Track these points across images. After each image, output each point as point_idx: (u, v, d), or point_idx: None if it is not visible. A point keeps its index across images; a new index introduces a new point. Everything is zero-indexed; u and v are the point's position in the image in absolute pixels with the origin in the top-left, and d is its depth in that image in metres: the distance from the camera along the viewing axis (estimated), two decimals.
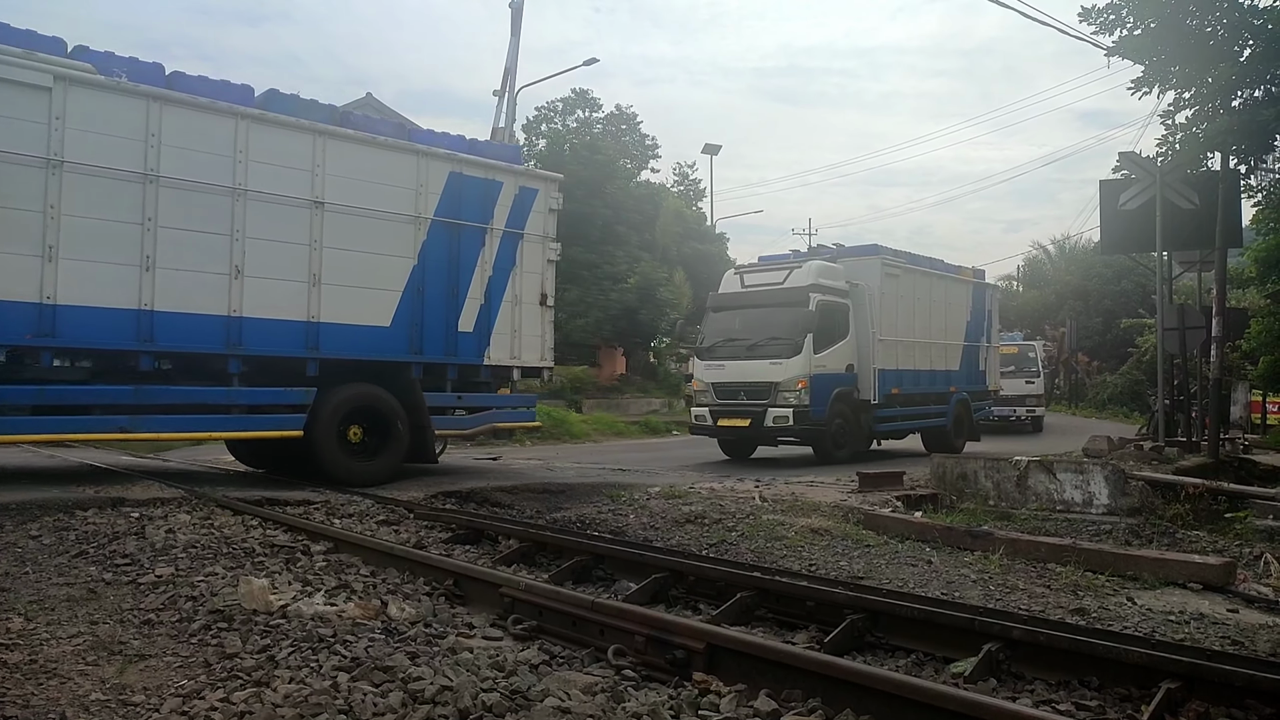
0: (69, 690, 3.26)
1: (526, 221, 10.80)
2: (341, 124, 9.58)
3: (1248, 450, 13.31)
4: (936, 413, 16.45)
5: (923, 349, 16.12)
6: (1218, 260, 12.64)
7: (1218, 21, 10.45)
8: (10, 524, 6.17)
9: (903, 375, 15.43)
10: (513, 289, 10.66)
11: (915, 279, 16.13)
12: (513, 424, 11.91)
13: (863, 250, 16.04)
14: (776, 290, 14.36)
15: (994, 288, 19.13)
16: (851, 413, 14.41)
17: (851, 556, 6.34)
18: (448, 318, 10.07)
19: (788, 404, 13.49)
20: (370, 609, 4.39)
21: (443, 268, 10.04)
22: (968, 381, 17.44)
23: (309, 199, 9.01)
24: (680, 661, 3.65)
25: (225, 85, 8.81)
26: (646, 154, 39.28)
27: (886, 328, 14.98)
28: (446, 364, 10.11)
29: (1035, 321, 39.33)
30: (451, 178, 10.11)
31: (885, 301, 15.03)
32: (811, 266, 14.48)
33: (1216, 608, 5.30)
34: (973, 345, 17.68)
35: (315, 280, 9.04)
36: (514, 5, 17.56)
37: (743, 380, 13.99)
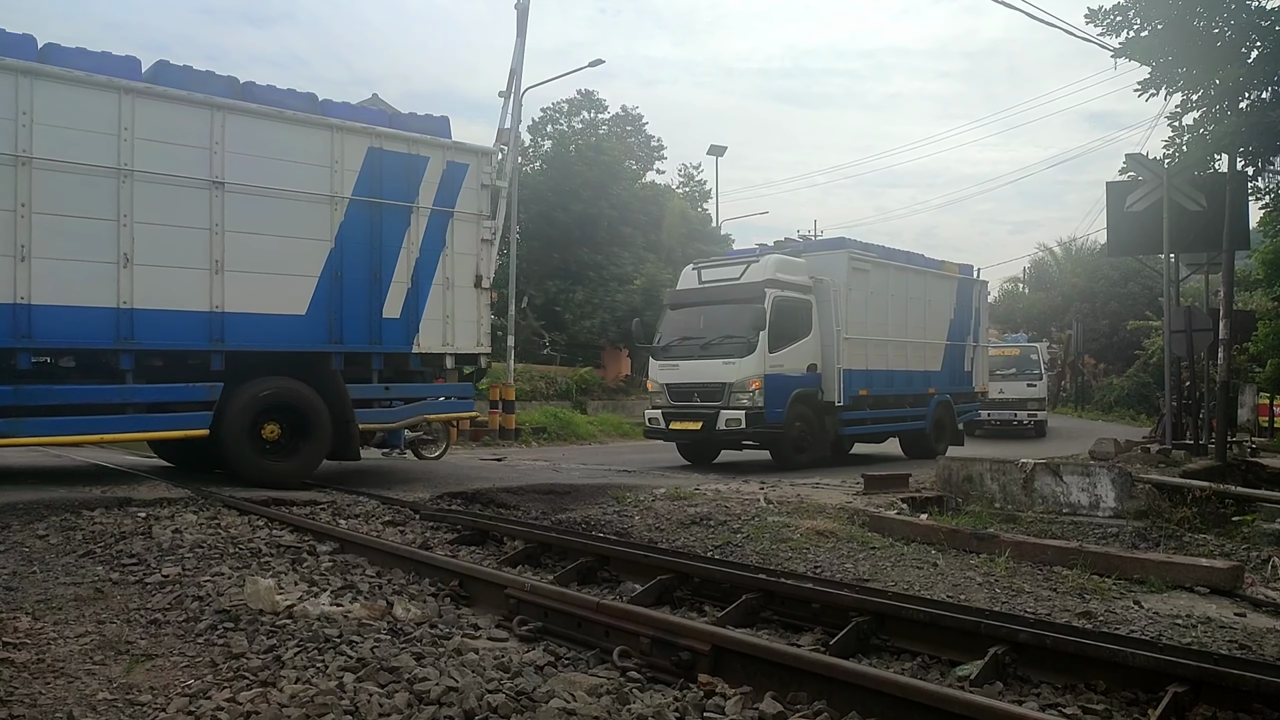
0: (76, 689, 3.27)
1: (457, 199, 10.13)
2: (244, 97, 8.89)
3: (1255, 453, 13.27)
4: (914, 415, 15.60)
5: (897, 348, 15.25)
6: (1225, 262, 12.61)
7: (1225, 23, 10.44)
8: (17, 523, 6.19)
9: (873, 376, 14.57)
10: (443, 271, 10.00)
11: (888, 274, 15.22)
12: (447, 415, 11.13)
13: (829, 244, 15.32)
14: (731, 286, 13.60)
15: (981, 284, 18.15)
16: (814, 415, 13.60)
17: (857, 559, 6.33)
18: (370, 304, 9.47)
19: (740, 406, 12.76)
20: (376, 609, 4.40)
21: (363, 250, 9.42)
22: (951, 383, 16.58)
23: (207, 179, 8.40)
24: (685, 663, 3.64)
25: (107, 57, 8.17)
26: (652, 155, 39.29)
27: (854, 325, 14.15)
28: (371, 353, 9.54)
29: (1042, 324, 39.24)
30: (371, 154, 9.47)
31: (853, 298, 14.17)
32: (768, 261, 13.68)
33: (1224, 611, 5.27)
34: (957, 344, 16.79)
35: (217, 267, 8.43)
36: (520, 6, 17.54)
37: (696, 381, 13.32)
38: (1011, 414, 22.58)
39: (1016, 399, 22.62)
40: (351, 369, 9.43)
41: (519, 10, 17.47)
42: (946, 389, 16.30)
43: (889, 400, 15.07)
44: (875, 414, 14.80)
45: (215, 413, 8.41)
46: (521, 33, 17.47)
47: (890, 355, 15.03)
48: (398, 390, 9.87)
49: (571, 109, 37.10)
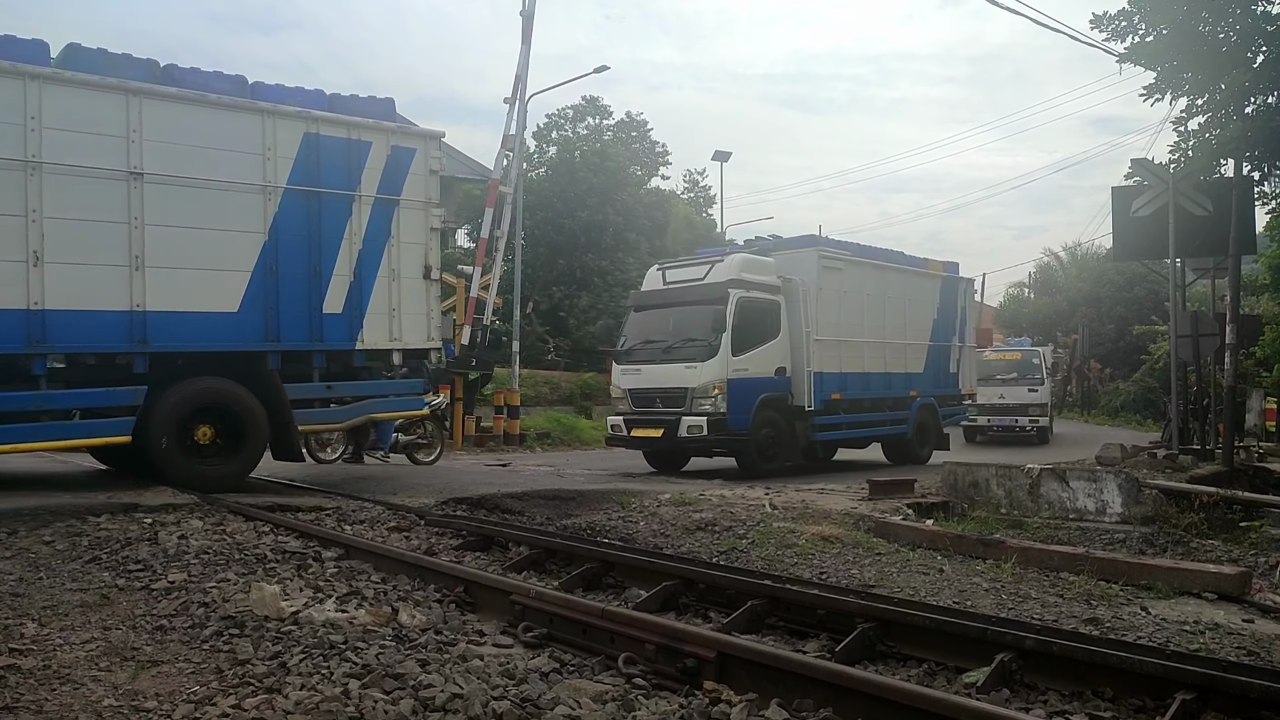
0: (82, 696, 3.27)
1: (403, 186, 9.58)
2: (164, 81, 8.38)
3: (1263, 458, 13.22)
4: (894, 419, 14.96)
5: (874, 349, 14.64)
6: (1231, 267, 12.57)
7: (1230, 28, 10.42)
8: (24, 529, 6.21)
9: (848, 379, 14.00)
10: (389, 263, 9.49)
11: (864, 273, 14.62)
12: (396, 413, 10.60)
13: (799, 242, 14.70)
14: (694, 287, 13.07)
15: (967, 282, 17.39)
16: (784, 421, 13.01)
17: (862, 564, 6.31)
18: (310, 299, 8.97)
19: (703, 412, 12.20)
20: (381, 616, 4.40)
21: (300, 242, 8.89)
22: (935, 385, 15.93)
23: (124, 170, 7.90)
24: (691, 670, 3.64)
25: (10, 40, 7.71)
26: (657, 161, 39.31)
27: (826, 326, 13.61)
28: (311, 351, 9.05)
29: (1047, 328, 39.18)
30: (307, 139, 8.92)
31: (824, 297, 13.60)
32: (733, 261, 13.11)
33: (1232, 617, 5.25)
34: (941, 345, 16.12)
35: (138, 263, 7.93)
36: (525, 13, 17.59)
37: (657, 386, 12.78)
38: (1012, 420, 22.11)
39: (1017, 404, 22.11)
40: (291, 367, 9.02)
41: (524, 17, 17.54)
42: (930, 391, 15.72)
43: (866, 404, 14.53)
44: (851, 418, 14.26)
45: (140, 417, 7.99)
46: (526, 39, 17.55)
47: (867, 357, 14.47)
48: (341, 389, 9.41)
49: (576, 115, 37.17)
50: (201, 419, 8.50)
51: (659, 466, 13.57)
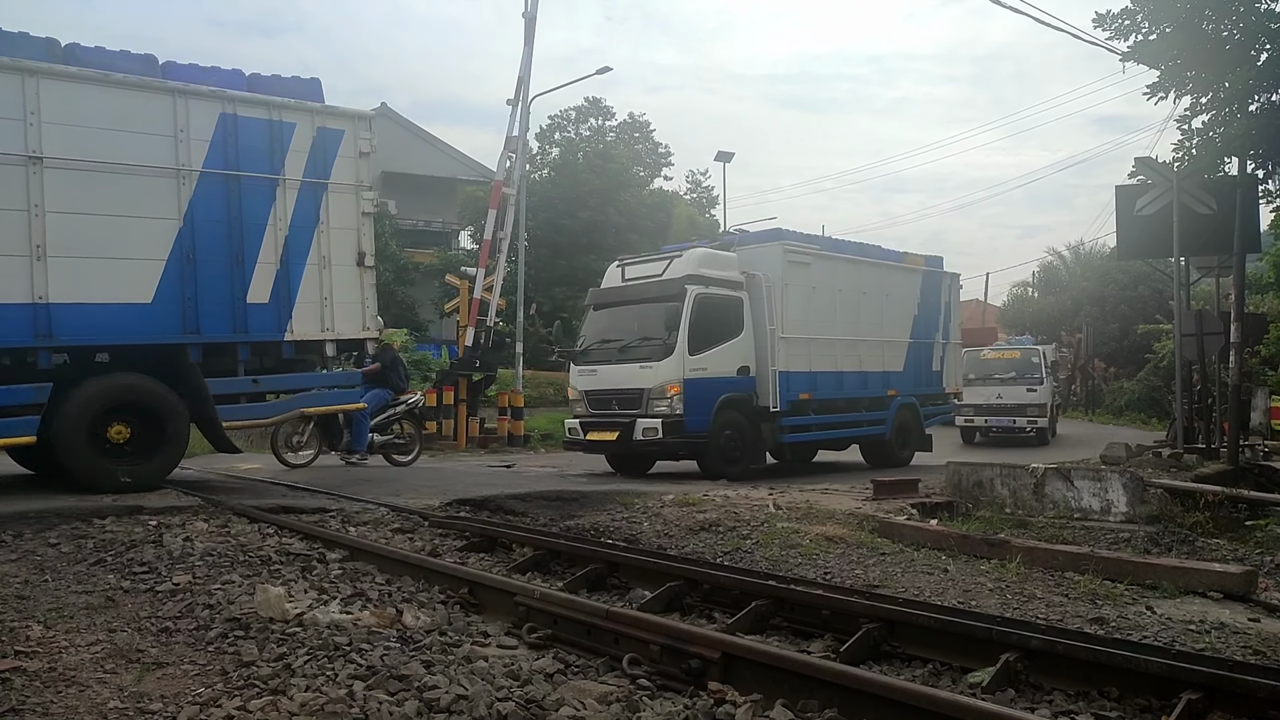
0: (87, 698, 3.28)
1: (331, 169, 9.19)
2: (66, 60, 8.02)
3: (1268, 457, 13.19)
4: (871, 420, 14.30)
5: (848, 347, 13.97)
6: (1236, 265, 12.55)
7: (1234, 25, 10.39)
8: (29, 532, 6.22)
9: (817, 378, 13.34)
10: (319, 249, 9.08)
11: (835, 267, 13.98)
12: (330, 408, 10.05)
13: (763, 236, 14.02)
14: (651, 284, 12.53)
15: (952, 276, 16.60)
16: (748, 422, 12.44)
17: (867, 564, 6.31)
18: (233, 288, 8.57)
19: (658, 414, 11.69)
20: (386, 617, 4.40)
21: (220, 229, 8.49)
22: (916, 384, 15.27)
23: (22, 154, 7.53)
24: (695, 671, 3.63)
25: None
26: (659, 162, 39.37)
27: (794, 323, 12.99)
28: (235, 343, 8.65)
29: (1051, 327, 39.09)
30: (224, 120, 8.51)
31: (791, 293, 12.99)
32: (692, 256, 12.54)
33: (1237, 617, 5.24)
34: (923, 342, 15.45)
35: (39, 253, 7.53)
36: (527, 15, 17.63)
37: (614, 387, 12.29)
38: (1010, 420, 21.38)
39: (1015, 404, 21.34)
40: (215, 361, 8.67)
41: (526, 19, 17.58)
42: (911, 391, 15.07)
43: (839, 404, 13.92)
44: (822, 419, 13.64)
45: (45, 416, 7.62)
46: (529, 41, 17.59)
47: (840, 355, 13.84)
48: (268, 383, 9.05)
49: (579, 116, 37.24)
50: (116, 417, 8.10)
51: (620, 469, 13.09)
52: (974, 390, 21.29)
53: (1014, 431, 21.38)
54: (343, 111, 9.64)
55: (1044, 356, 22.15)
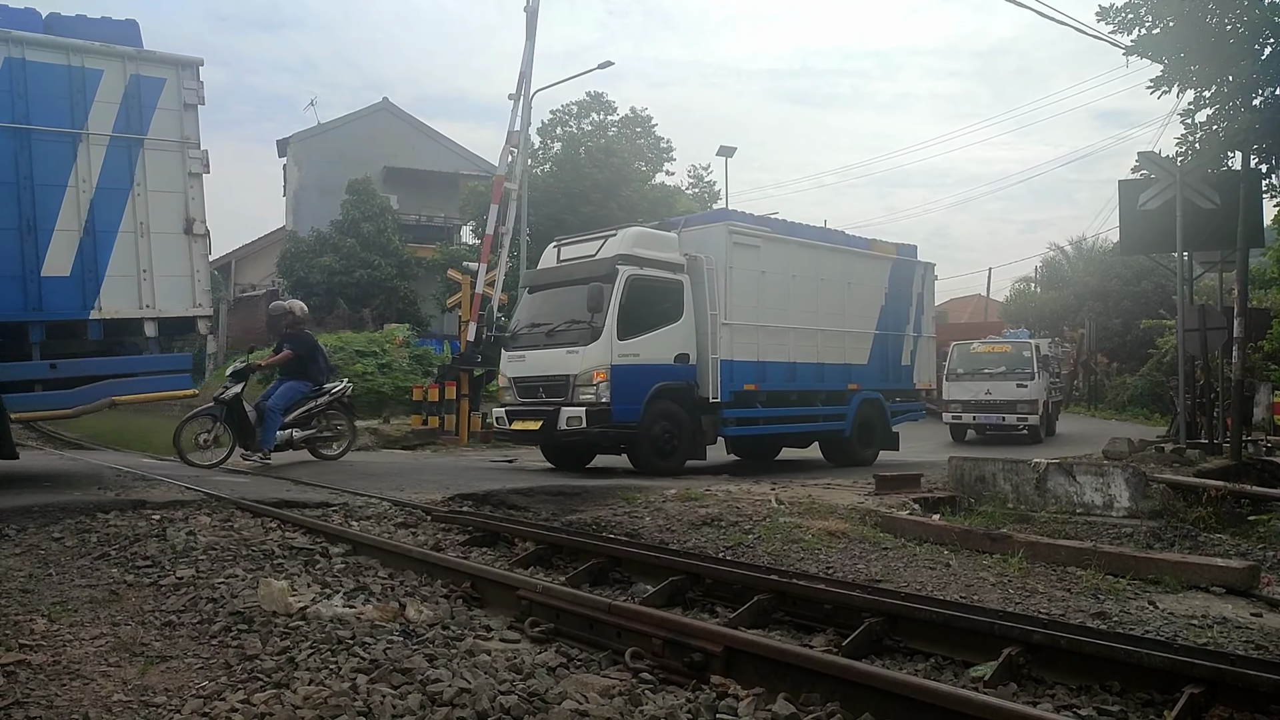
0: (92, 691, 3.29)
1: (149, 123, 8.15)
2: None
3: (1271, 452, 13.16)
4: (829, 415, 13.37)
5: (803, 337, 13.07)
6: (1239, 260, 12.53)
7: (1238, 19, 10.36)
8: (33, 526, 6.24)
9: (766, 368, 12.47)
10: (134, 215, 8.05)
11: (789, 252, 13.06)
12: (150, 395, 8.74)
13: (708, 216, 13.36)
14: (583, 264, 11.83)
15: (926, 267, 15.57)
16: (686, 414, 11.63)
17: (869, 559, 6.31)
18: (23, 259, 7.61)
19: (582, 402, 10.95)
20: (389, 611, 4.41)
21: (6, 192, 7.55)
22: (882, 378, 14.31)
23: None
24: (698, 664, 3.64)
25: None
26: (661, 157, 39.24)
27: (740, 310, 12.16)
28: (26, 322, 7.67)
29: (1054, 323, 39.07)
30: (10, 66, 7.52)
31: (737, 277, 12.17)
32: (626, 235, 11.81)
33: (1240, 611, 5.24)
34: (890, 335, 14.50)
35: None
36: (529, 9, 17.58)
37: (540, 374, 11.56)
38: (999, 417, 20.24)
39: (1005, 400, 20.13)
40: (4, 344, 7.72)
41: (528, 13, 17.53)
42: (876, 385, 14.12)
43: (791, 397, 13.00)
44: (771, 413, 12.74)
45: None
46: (531, 36, 17.54)
47: (793, 345, 12.93)
48: (69, 368, 7.96)
49: (581, 111, 37.13)
50: None
51: (558, 463, 12.42)
52: (962, 385, 20.61)
53: (1004, 429, 20.40)
54: (162, 57, 8.51)
55: (1037, 351, 20.92)
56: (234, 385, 10.69)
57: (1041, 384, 20.54)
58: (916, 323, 15.11)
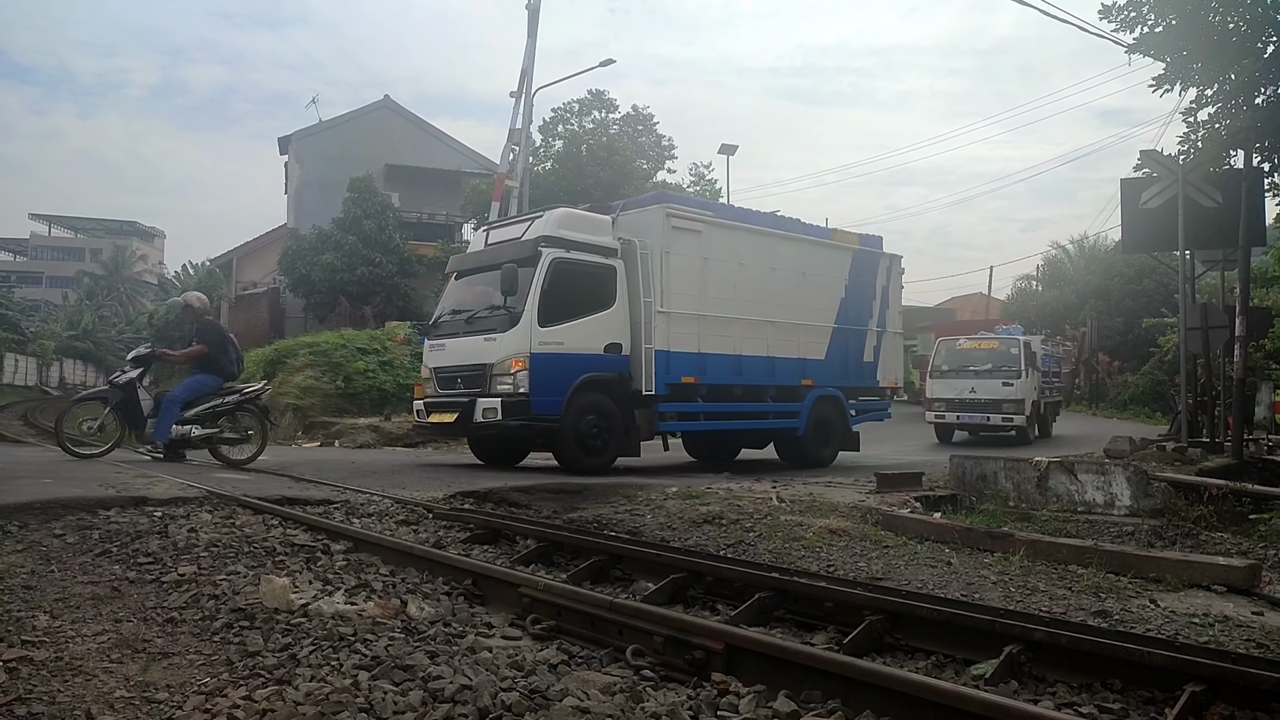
0: (94, 687, 3.29)
1: None
2: None
3: (1272, 450, 13.15)
4: (780, 413, 12.69)
5: (751, 329, 12.37)
6: (1241, 259, 12.51)
7: (1240, 17, 10.34)
8: (35, 523, 6.24)
9: (707, 360, 11.79)
10: None
11: (735, 238, 12.40)
12: None
13: (646, 199, 12.71)
14: (507, 247, 11.29)
15: (892, 259, 14.79)
16: (617, 408, 10.99)
17: (870, 557, 6.31)
18: None
19: (499, 393, 10.30)
20: (390, 608, 4.41)
21: None
22: (841, 375, 13.60)
23: None
24: (699, 662, 3.64)
25: None
26: (663, 155, 39.26)
27: (679, 298, 11.54)
28: None
29: (1056, 321, 39.06)
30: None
31: (676, 264, 11.56)
32: (552, 216, 11.24)
33: (1241, 610, 5.24)
34: (851, 329, 13.80)
35: None
36: (530, 7, 17.59)
37: (459, 364, 11.02)
38: (983, 417, 19.30)
39: (989, 400, 19.14)
40: None
41: (529, 11, 17.55)
42: (834, 382, 13.42)
43: (736, 392, 12.30)
44: (714, 408, 12.05)
45: None
46: (532, 34, 17.57)
47: (739, 337, 12.24)
48: None
49: (582, 109, 37.13)
50: None
51: (487, 460, 11.87)
52: (946, 383, 19.80)
53: (991, 430, 19.56)
54: None
55: (1025, 348, 19.87)
56: (132, 370, 10.10)
57: (1030, 383, 19.62)
58: (881, 317, 14.40)
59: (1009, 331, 22.79)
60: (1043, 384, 21.01)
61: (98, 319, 62.02)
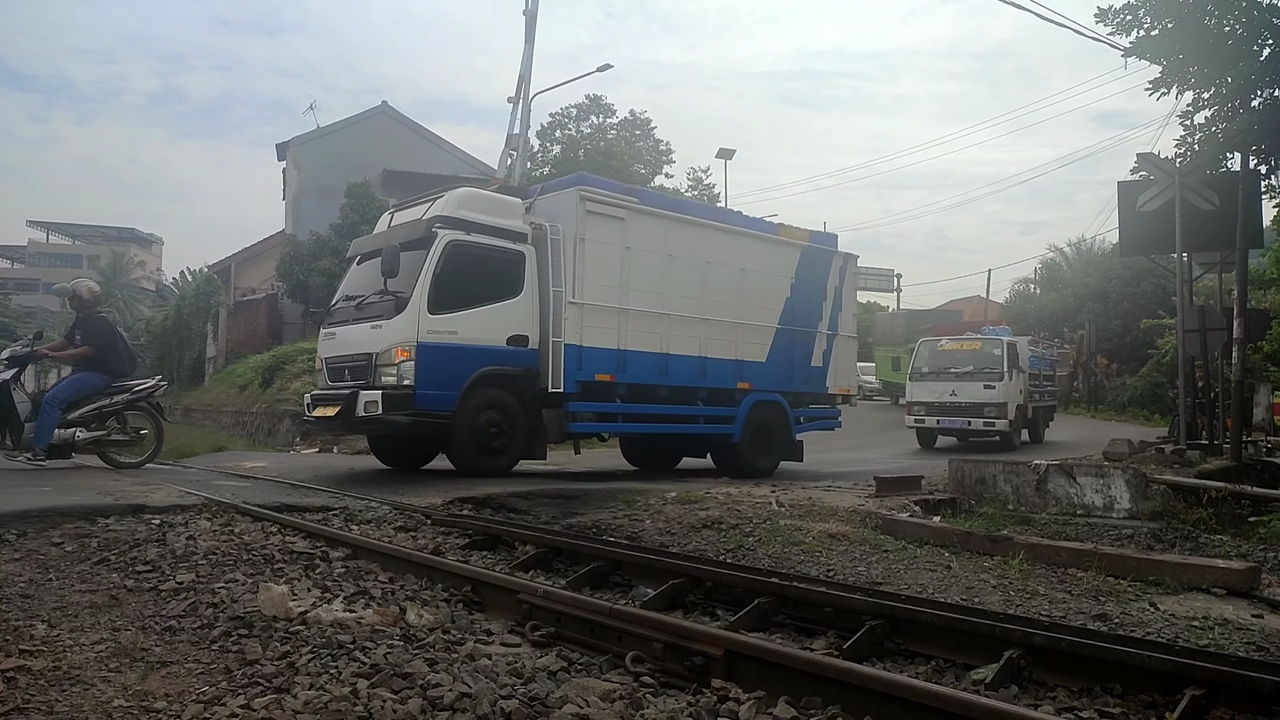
0: (92, 696, 3.28)
1: None
2: None
3: (1271, 453, 13.17)
4: (713, 417, 11.86)
5: (680, 326, 11.52)
6: (1238, 261, 12.56)
7: (1236, 20, 10.39)
8: (33, 531, 6.23)
9: (627, 358, 10.92)
10: None
11: (665, 228, 11.53)
12: None
13: (562, 183, 11.66)
14: (403, 228, 10.56)
15: (846, 257, 13.93)
16: (521, 406, 10.18)
17: (869, 562, 6.31)
18: None
19: (383, 385, 9.52)
20: (389, 615, 4.40)
21: None
22: (785, 379, 12.75)
23: None
24: (699, 668, 3.64)
25: None
26: (661, 159, 39.33)
27: (593, 288, 10.66)
28: None
29: (1054, 324, 39.14)
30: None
31: (591, 251, 10.65)
32: (453, 196, 10.43)
33: (1241, 613, 5.24)
34: (797, 330, 12.94)
35: None
36: (528, 12, 17.59)
37: (346, 353, 10.23)
38: (964, 421, 18.55)
39: (970, 403, 18.37)
40: None
41: (527, 16, 17.54)
42: (776, 387, 12.59)
43: (661, 393, 11.40)
44: (635, 409, 11.14)
45: None
46: (530, 39, 17.56)
47: (667, 334, 11.41)
48: None
49: (580, 114, 37.20)
50: None
51: (391, 462, 11.19)
52: (926, 386, 19.20)
53: (975, 435, 18.84)
54: None
55: (1008, 349, 19.06)
56: (5, 371, 9.38)
57: (1014, 385, 18.87)
58: (832, 320, 13.52)
59: (995, 332, 21.98)
60: (1031, 387, 20.40)
61: None
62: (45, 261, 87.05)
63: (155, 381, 10.49)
